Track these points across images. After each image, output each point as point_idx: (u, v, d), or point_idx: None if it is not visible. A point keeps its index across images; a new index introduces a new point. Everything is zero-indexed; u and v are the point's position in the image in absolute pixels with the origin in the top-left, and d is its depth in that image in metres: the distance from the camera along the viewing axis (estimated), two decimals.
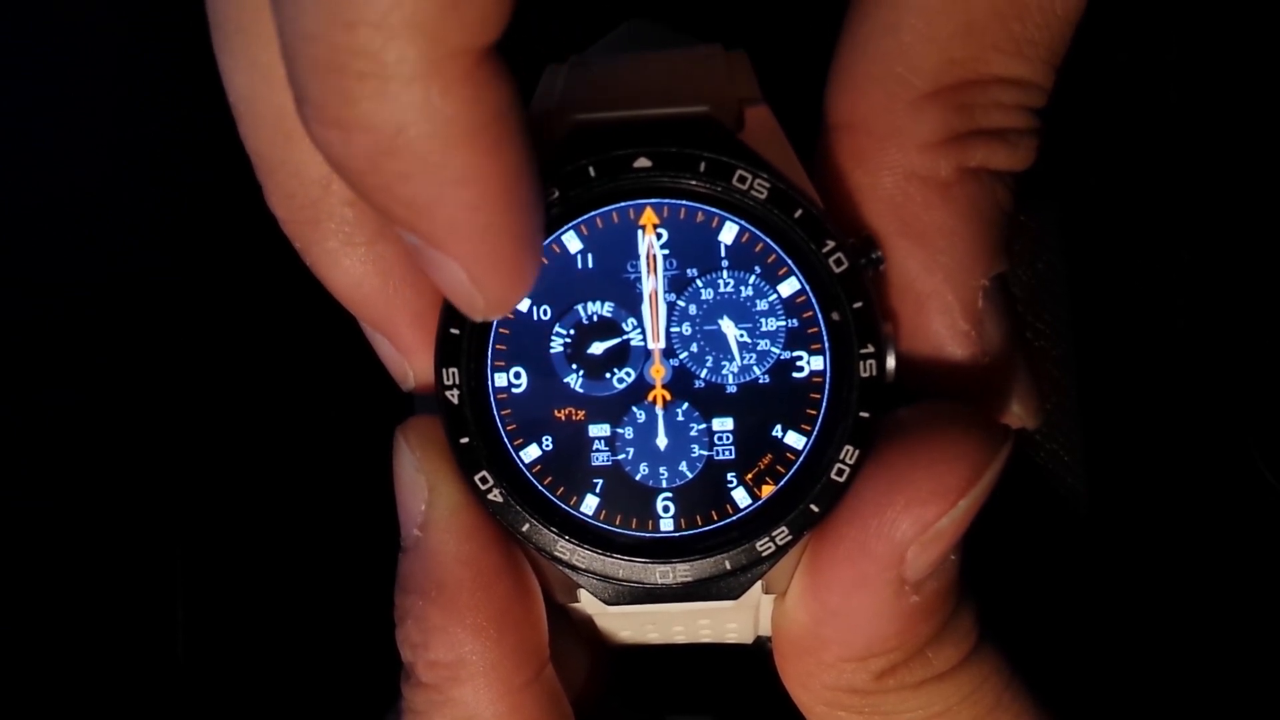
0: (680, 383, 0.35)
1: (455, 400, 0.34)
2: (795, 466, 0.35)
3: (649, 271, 0.35)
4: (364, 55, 0.23)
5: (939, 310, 0.34)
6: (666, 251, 0.35)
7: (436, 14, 0.23)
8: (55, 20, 0.51)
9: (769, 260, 0.35)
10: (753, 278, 0.35)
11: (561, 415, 0.35)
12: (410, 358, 0.35)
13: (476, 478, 0.34)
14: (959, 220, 0.33)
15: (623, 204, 0.35)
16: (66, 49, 0.51)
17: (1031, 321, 0.48)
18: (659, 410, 0.35)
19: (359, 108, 0.24)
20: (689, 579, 0.34)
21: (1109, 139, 0.49)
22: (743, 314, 0.35)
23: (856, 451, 0.33)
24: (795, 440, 0.35)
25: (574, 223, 0.35)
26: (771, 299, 0.35)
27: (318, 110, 0.25)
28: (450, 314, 0.34)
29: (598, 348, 0.35)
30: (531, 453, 0.35)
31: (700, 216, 0.35)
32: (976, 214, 0.34)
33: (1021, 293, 0.48)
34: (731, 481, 0.35)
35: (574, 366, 0.35)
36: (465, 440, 0.34)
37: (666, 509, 0.35)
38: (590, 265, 0.35)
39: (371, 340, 0.36)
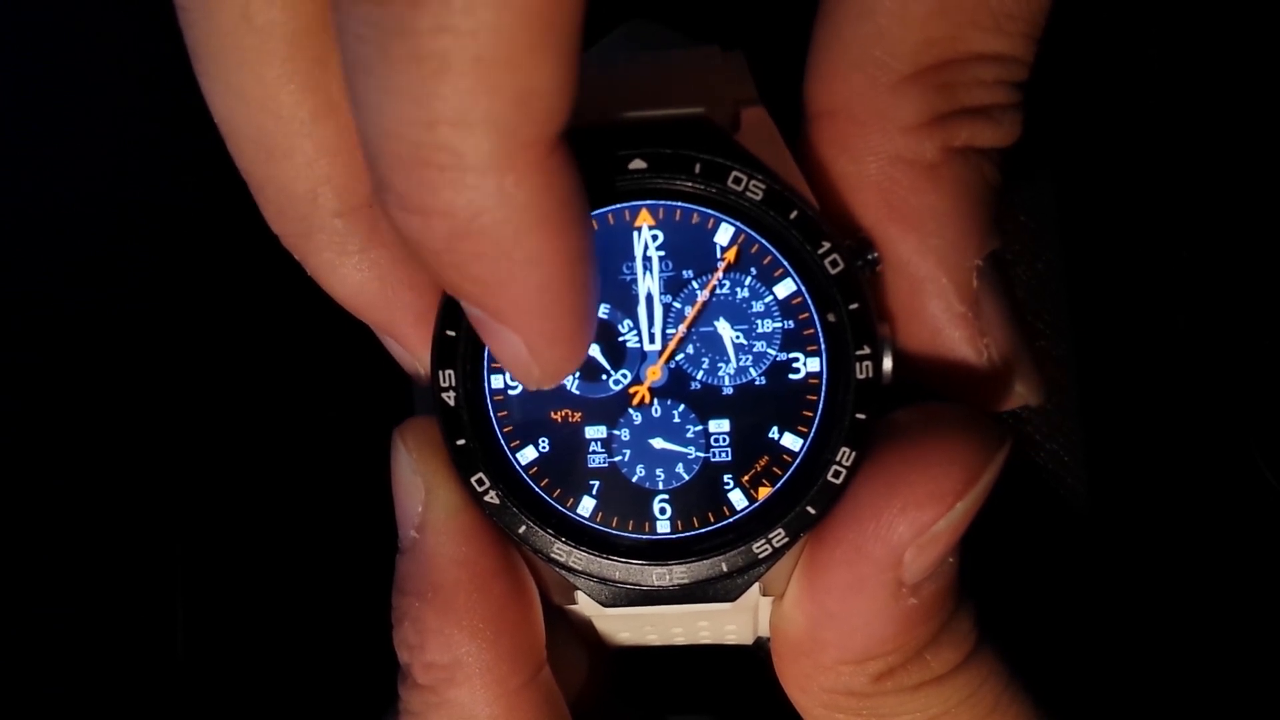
0: (676, 384, 0.35)
1: (452, 402, 0.34)
2: (792, 468, 0.35)
3: (644, 273, 0.35)
4: (444, 150, 0.25)
5: (934, 294, 0.34)
6: (662, 253, 0.35)
7: (509, 110, 0.24)
8: (55, 20, 0.51)
9: (765, 262, 0.35)
10: (749, 279, 0.35)
11: (558, 417, 0.35)
12: (418, 355, 0.36)
13: (473, 479, 0.34)
14: (948, 201, 0.33)
15: (618, 206, 0.35)
16: (66, 49, 0.51)
17: (1031, 322, 0.48)
18: (655, 412, 0.35)
19: (439, 196, 0.25)
20: (685, 581, 0.34)
21: (1109, 137, 0.49)
22: (739, 316, 0.35)
23: (853, 453, 0.33)
24: (792, 442, 0.35)
25: None
26: (768, 300, 0.35)
27: (400, 199, 0.26)
28: (446, 316, 0.34)
29: (594, 349, 0.35)
30: (528, 454, 0.35)
31: (696, 218, 0.35)
32: (965, 194, 0.33)
33: (1021, 293, 0.48)
34: (728, 483, 0.35)
35: None
36: (462, 442, 0.34)
37: (663, 511, 0.35)
38: None
39: (383, 341, 0.36)
